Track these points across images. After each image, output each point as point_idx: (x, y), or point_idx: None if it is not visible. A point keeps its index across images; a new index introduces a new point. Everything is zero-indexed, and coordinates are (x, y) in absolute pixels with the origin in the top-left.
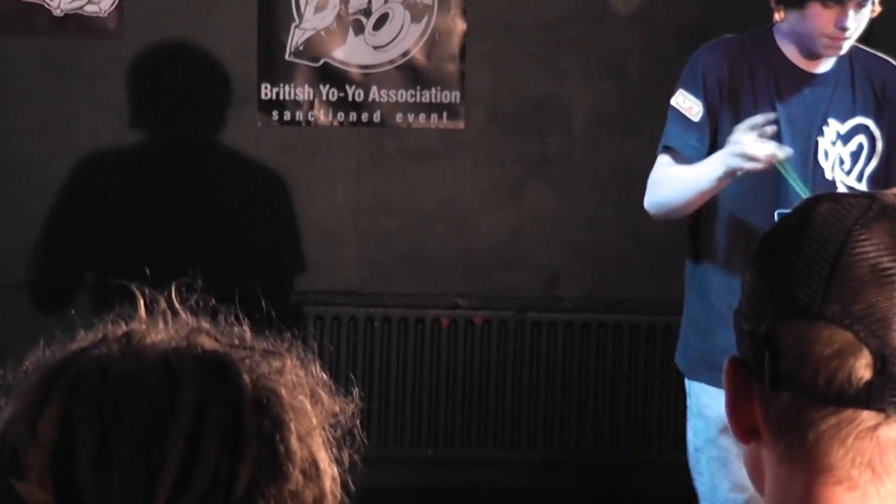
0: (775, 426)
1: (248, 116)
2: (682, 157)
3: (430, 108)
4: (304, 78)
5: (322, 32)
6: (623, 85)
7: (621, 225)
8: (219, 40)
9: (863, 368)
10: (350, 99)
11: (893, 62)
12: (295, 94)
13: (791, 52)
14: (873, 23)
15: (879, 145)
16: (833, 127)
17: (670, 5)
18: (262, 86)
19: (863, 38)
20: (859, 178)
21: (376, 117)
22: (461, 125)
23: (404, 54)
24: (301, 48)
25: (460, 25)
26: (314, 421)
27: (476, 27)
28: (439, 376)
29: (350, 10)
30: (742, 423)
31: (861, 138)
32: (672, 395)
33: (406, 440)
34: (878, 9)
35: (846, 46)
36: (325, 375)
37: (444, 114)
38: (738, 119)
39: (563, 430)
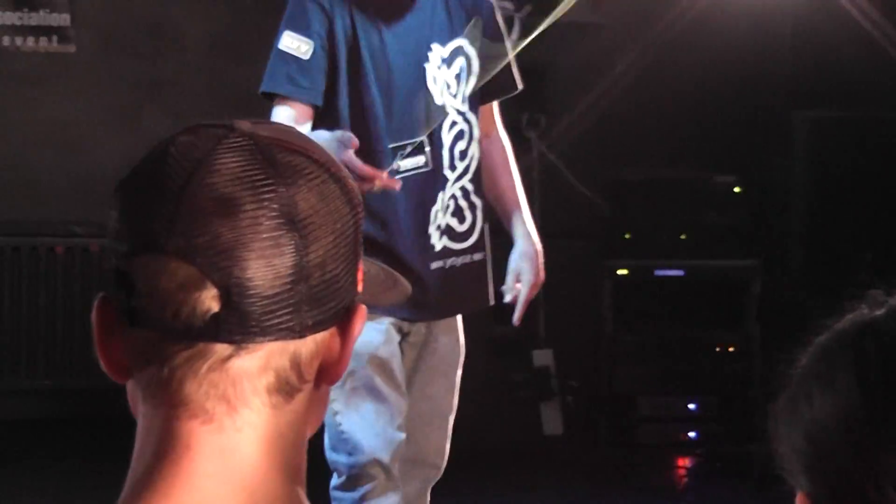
0: (138, 362)
1: None
2: (294, 102)
3: (38, 30)
4: None
5: None
6: (236, 10)
7: None
8: None
9: (209, 301)
10: None
11: None
12: None
13: None
14: None
15: (475, 65)
16: (437, 52)
17: None
18: None
19: None
20: (463, 101)
21: None
22: (72, 49)
23: None
24: None
25: None
26: None
27: None
28: (56, 305)
29: None
30: (113, 360)
31: (461, 61)
32: None
33: (23, 371)
34: None
35: None
36: None
37: (55, 37)
38: (351, 52)
39: None
